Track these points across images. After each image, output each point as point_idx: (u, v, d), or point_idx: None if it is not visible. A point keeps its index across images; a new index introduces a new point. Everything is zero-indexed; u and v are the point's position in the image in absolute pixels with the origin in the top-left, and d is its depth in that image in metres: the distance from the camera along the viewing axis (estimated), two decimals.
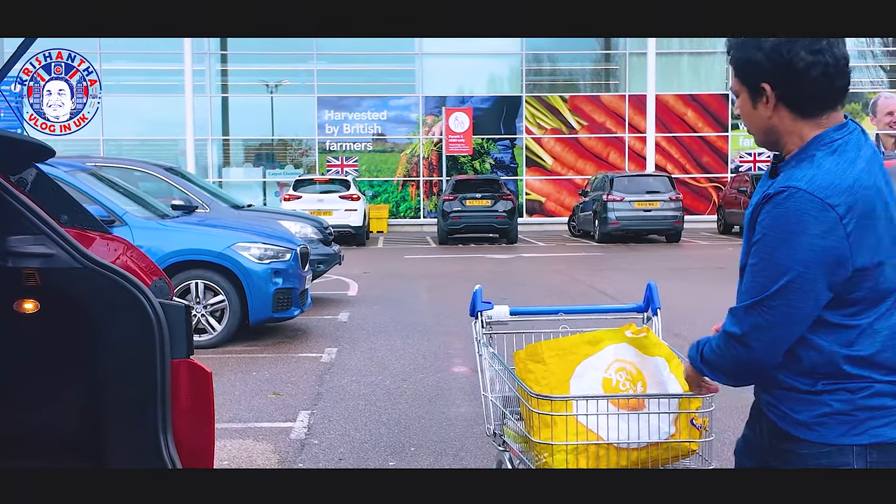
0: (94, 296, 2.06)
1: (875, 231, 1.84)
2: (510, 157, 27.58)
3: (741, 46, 1.95)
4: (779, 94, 1.91)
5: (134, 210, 8.10)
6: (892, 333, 1.90)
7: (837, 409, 1.89)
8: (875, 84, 28.45)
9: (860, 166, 1.86)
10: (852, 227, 1.81)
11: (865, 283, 1.84)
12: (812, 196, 1.81)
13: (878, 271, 1.84)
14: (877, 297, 1.87)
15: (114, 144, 26.38)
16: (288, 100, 27.82)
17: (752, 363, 1.91)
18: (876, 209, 1.85)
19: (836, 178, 1.83)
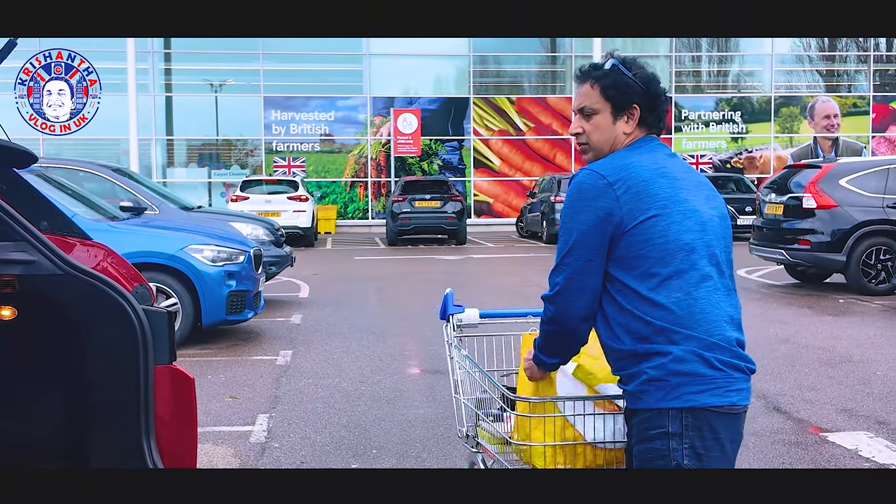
0: (77, 302, 2.04)
1: (651, 198, 2.22)
2: (458, 158, 27.67)
3: (614, 73, 2.36)
4: (643, 114, 2.37)
5: (82, 212, 7.95)
6: (684, 298, 2.18)
7: (652, 376, 2.15)
8: (812, 88, 29.22)
9: (642, 157, 2.30)
10: (622, 192, 2.22)
11: (644, 241, 2.20)
12: (591, 171, 2.28)
13: (652, 233, 2.20)
14: (661, 258, 2.19)
15: (53, 144, 25.79)
16: (233, 99, 27.51)
17: (561, 316, 2.29)
18: (652, 183, 2.24)
19: (615, 160, 2.30)
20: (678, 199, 2.26)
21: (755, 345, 7.96)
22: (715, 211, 2.34)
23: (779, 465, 4.74)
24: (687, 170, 2.38)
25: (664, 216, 2.21)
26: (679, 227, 2.22)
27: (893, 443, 5.08)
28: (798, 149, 28.53)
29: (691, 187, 2.32)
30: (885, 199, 11.27)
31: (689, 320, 2.16)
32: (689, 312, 2.16)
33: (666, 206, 2.23)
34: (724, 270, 2.29)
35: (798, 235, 11.47)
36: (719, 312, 2.20)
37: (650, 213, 2.21)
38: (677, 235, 2.21)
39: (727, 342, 2.18)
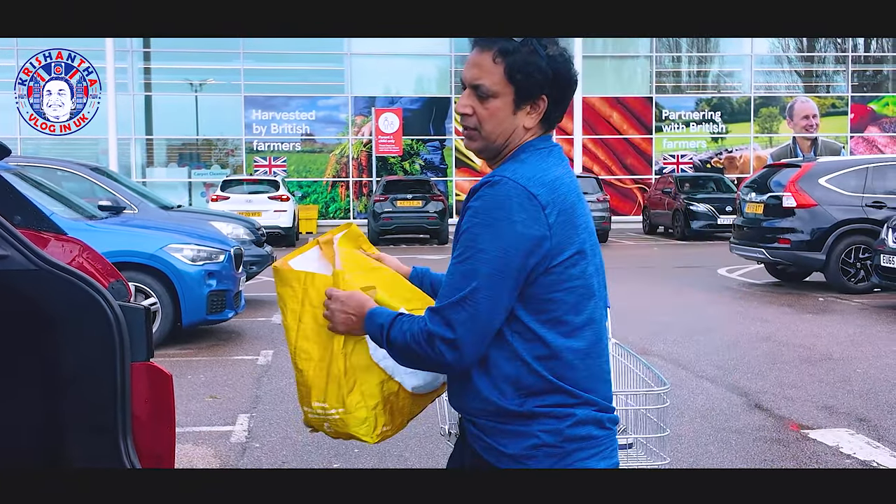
0: (51, 298, 2.00)
1: (574, 229, 1.85)
2: (440, 157, 27.66)
3: (526, 51, 1.86)
4: (551, 108, 1.91)
5: (60, 211, 7.86)
6: (587, 352, 1.86)
7: (545, 441, 1.83)
8: (791, 88, 29.43)
9: (562, 170, 1.89)
10: (554, 219, 1.81)
11: (563, 282, 1.83)
12: (517, 184, 1.80)
13: (573, 272, 1.84)
14: (576, 304, 1.85)
15: (31, 143, 25.55)
16: (213, 99, 27.36)
17: (460, 366, 1.83)
18: (577, 210, 1.87)
19: (540, 173, 1.84)
20: (591, 230, 1.92)
21: (736, 343, 8.00)
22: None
23: (760, 462, 4.75)
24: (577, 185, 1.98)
25: (585, 253, 1.87)
26: (592, 268, 1.89)
27: (874, 440, 5.10)
28: (777, 149, 28.73)
29: (587, 209, 1.96)
30: (864, 197, 11.35)
31: (590, 379, 1.87)
32: (590, 371, 1.87)
33: (586, 240, 1.88)
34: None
35: (778, 234, 11.53)
36: (608, 367, 1.96)
37: (575, 248, 1.84)
38: (590, 279, 1.88)
39: (610, 399, 1.94)
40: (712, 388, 6.32)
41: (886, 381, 6.48)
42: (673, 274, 13.73)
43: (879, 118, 29.33)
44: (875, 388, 6.31)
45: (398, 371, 2.05)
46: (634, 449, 2.65)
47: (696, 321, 9.21)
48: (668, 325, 8.88)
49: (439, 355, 1.81)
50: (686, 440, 5.07)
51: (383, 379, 2.05)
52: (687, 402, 5.90)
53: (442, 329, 1.80)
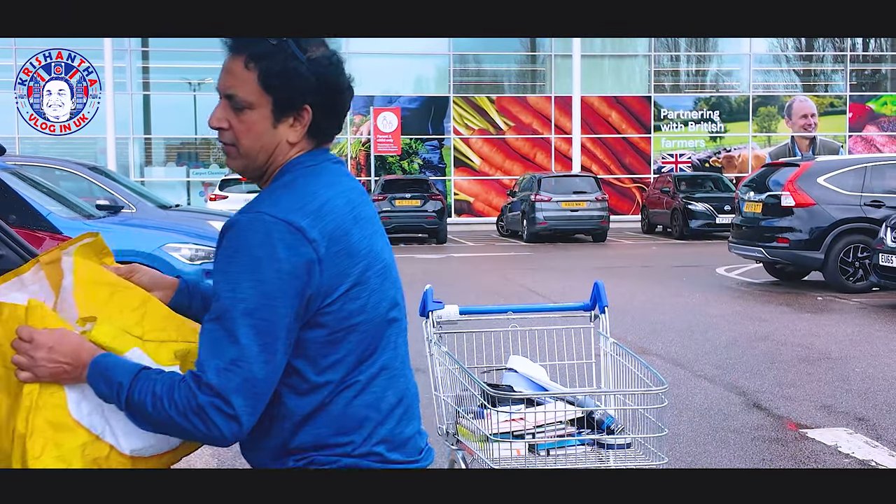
0: None
1: (350, 258, 1.62)
2: (438, 157, 27.66)
3: (279, 53, 1.62)
4: (314, 118, 1.66)
5: (58, 210, 7.85)
6: (349, 406, 1.64)
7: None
8: (789, 88, 29.44)
9: (333, 191, 1.65)
10: (324, 251, 1.57)
11: (345, 318, 1.62)
12: (277, 220, 1.55)
13: (351, 308, 1.63)
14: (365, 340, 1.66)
15: (29, 143, 25.53)
16: (212, 98, 27.08)
17: (237, 439, 1.59)
18: (349, 237, 1.62)
19: (306, 198, 1.60)
20: (374, 254, 1.70)
21: (734, 342, 8.00)
22: (389, 249, 1.79)
23: (759, 462, 4.74)
24: (367, 199, 1.76)
25: (365, 284, 1.65)
26: (376, 297, 1.68)
27: (873, 439, 5.09)
28: (776, 148, 28.74)
29: (377, 227, 1.75)
30: (862, 196, 11.35)
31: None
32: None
33: (368, 266, 1.66)
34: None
35: (776, 233, 11.53)
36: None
37: (351, 280, 1.62)
38: (374, 311, 1.67)
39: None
40: (711, 388, 6.31)
41: (885, 381, 6.47)
42: (671, 273, 13.73)
43: (878, 117, 29.34)
44: (873, 387, 6.30)
45: (110, 430, 1.67)
46: (632, 448, 2.65)
47: (694, 320, 9.21)
48: (666, 325, 8.88)
49: (213, 429, 1.54)
50: (684, 439, 5.06)
51: (86, 441, 1.65)
52: (685, 401, 5.90)
53: (215, 400, 1.52)
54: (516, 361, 2.94)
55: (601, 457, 2.61)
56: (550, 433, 2.63)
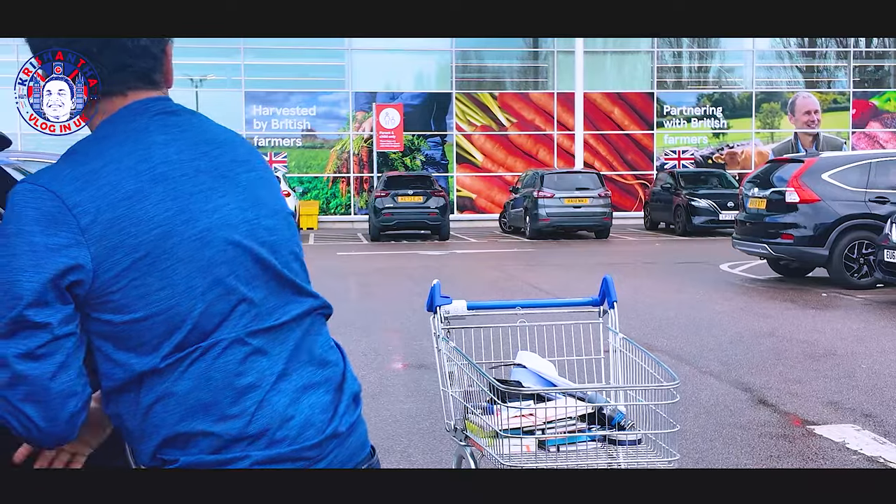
0: None
1: (139, 227, 1.41)
2: (441, 153, 27.63)
3: (112, 46, 1.59)
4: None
5: None
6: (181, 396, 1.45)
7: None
8: (792, 84, 29.38)
9: (118, 150, 1.51)
10: (88, 221, 1.39)
11: (137, 299, 1.41)
12: (35, 185, 1.46)
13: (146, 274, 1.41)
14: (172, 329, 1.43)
15: (32, 138, 25.53)
16: (214, 94, 27.32)
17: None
18: (141, 199, 1.42)
19: (74, 164, 1.53)
20: (189, 217, 1.44)
21: (739, 339, 7.97)
22: (263, 209, 1.53)
23: (766, 458, 4.72)
24: (208, 147, 1.52)
25: (163, 256, 1.41)
26: (182, 272, 1.42)
27: (880, 435, 5.07)
28: (779, 144, 28.69)
29: (213, 182, 1.49)
30: (867, 192, 11.32)
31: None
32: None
33: (167, 235, 1.41)
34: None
35: (781, 230, 11.50)
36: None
37: (137, 253, 1.40)
38: (175, 290, 1.42)
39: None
40: (716, 384, 6.29)
41: (891, 377, 6.45)
42: (675, 270, 13.71)
43: (881, 114, 29.29)
44: (880, 383, 6.28)
45: None
46: (643, 445, 2.63)
47: (698, 317, 9.18)
48: (670, 321, 8.86)
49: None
50: (691, 436, 5.04)
51: None
52: (691, 397, 5.88)
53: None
54: (525, 357, 2.91)
55: (611, 453, 2.59)
56: (560, 429, 2.61)
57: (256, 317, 1.50)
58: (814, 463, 4.64)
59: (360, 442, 1.68)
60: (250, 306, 1.49)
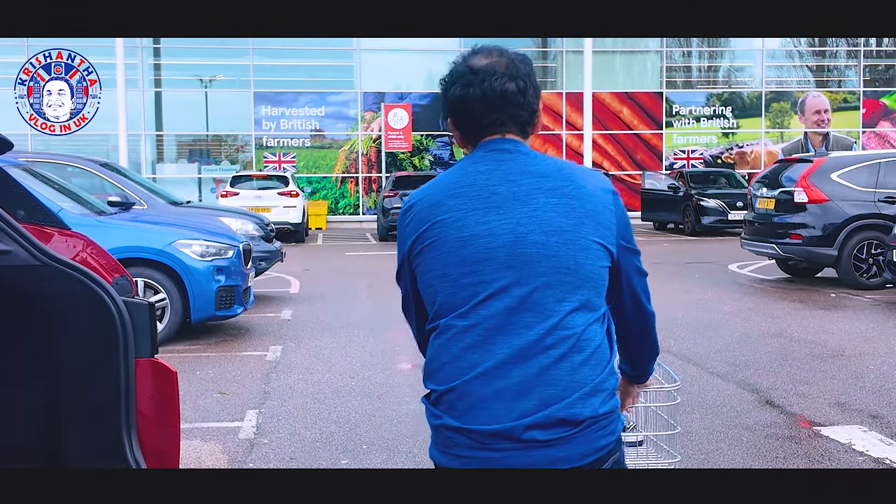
0: (55, 294, 1.98)
1: (432, 227, 1.90)
2: (449, 153, 27.62)
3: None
4: (455, 127, 1.99)
5: (69, 207, 7.86)
6: (436, 344, 1.93)
7: (428, 423, 1.96)
8: (802, 84, 29.25)
9: (449, 174, 1.96)
10: (409, 219, 1.94)
11: (421, 279, 1.94)
12: (409, 196, 2.00)
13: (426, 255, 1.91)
14: (431, 302, 1.93)
15: (41, 139, 25.62)
16: (223, 94, 27.38)
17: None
18: (442, 207, 1.90)
19: (432, 181, 1.97)
20: (461, 225, 1.88)
21: (747, 339, 7.95)
22: (537, 226, 1.87)
23: (772, 460, 4.71)
24: (518, 177, 1.91)
25: (436, 245, 1.90)
26: (448, 259, 1.89)
27: (887, 437, 5.05)
28: (788, 144, 28.57)
29: (500, 202, 1.89)
30: (876, 193, 11.26)
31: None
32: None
33: (442, 234, 1.89)
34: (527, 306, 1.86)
35: (789, 230, 11.46)
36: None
37: (426, 242, 1.91)
38: (443, 270, 1.89)
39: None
40: (723, 385, 6.27)
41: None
42: (683, 270, 13.67)
43: (891, 113, 29.14)
44: (888, 384, 6.25)
45: None
46: (645, 446, 2.62)
47: (706, 317, 9.16)
48: (678, 321, 8.83)
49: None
50: (697, 437, 5.03)
51: None
52: (698, 398, 5.86)
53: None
54: None
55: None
56: None
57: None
58: (820, 464, 4.62)
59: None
60: (494, 301, 1.86)
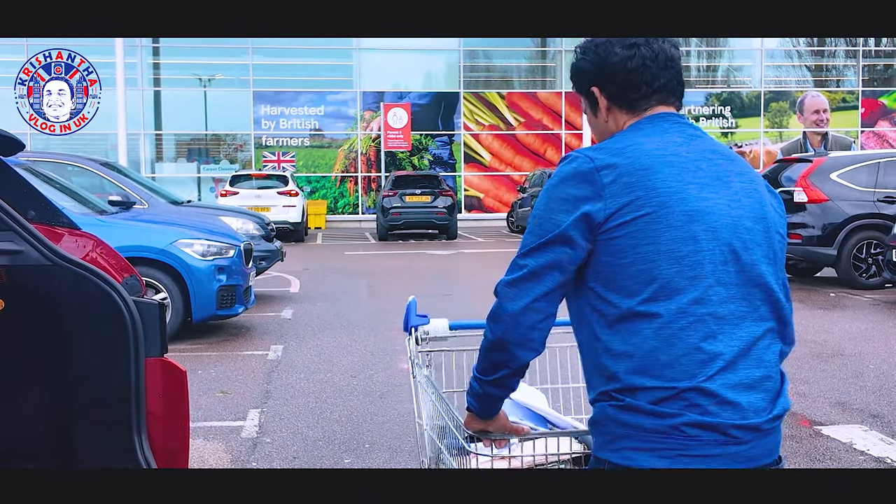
0: (65, 293, 1.99)
1: (648, 192, 1.74)
2: (448, 153, 27.63)
3: (573, 63, 1.95)
4: (607, 95, 1.89)
5: (71, 206, 7.87)
6: (664, 334, 1.70)
7: (595, 417, 1.78)
8: (801, 83, 29.28)
9: (643, 139, 1.81)
10: (609, 180, 1.74)
11: (630, 252, 1.72)
12: (580, 153, 1.80)
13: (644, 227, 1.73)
14: (648, 280, 1.72)
15: (41, 138, 25.62)
16: (222, 94, 27.38)
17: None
18: (653, 173, 1.75)
19: (611, 143, 1.82)
20: (683, 197, 1.75)
21: None
22: (746, 211, 1.79)
23: None
24: (712, 155, 1.84)
25: (659, 216, 1.74)
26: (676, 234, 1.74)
27: (888, 436, 5.07)
28: (787, 143, 28.60)
29: (709, 179, 1.79)
30: (875, 192, 11.29)
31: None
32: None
33: (665, 203, 1.73)
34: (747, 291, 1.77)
35: (789, 229, 11.47)
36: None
37: (643, 210, 1.73)
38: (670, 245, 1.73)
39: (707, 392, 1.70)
40: None
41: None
42: None
43: (890, 112, 29.17)
44: (888, 384, 6.27)
45: None
46: None
47: None
48: None
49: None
50: None
51: None
52: None
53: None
54: None
55: None
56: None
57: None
58: (820, 464, 4.64)
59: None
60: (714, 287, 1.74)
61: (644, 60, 1.87)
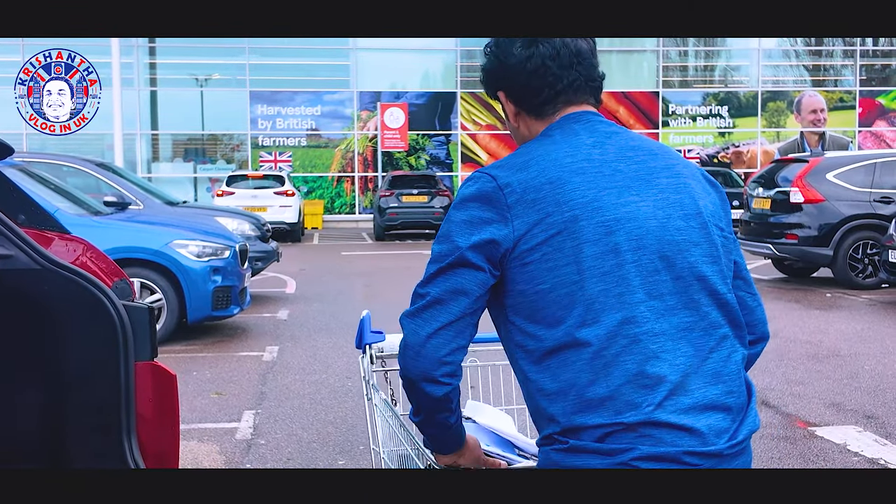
0: (55, 298, 1.99)
1: (560, 209, 1.57)
2: (445, 153, 27.63)
3: (483, 65, 1.80)
4: (513, 100, 1.75)
5: (65, 207, 7.86)
6: (597, 364, 1.53)
7: (541, 465, 1.62)
8: (799, 83, 29.31)
9: (551, 147, 1.65)
10: (514, 199, 1.58)
11: (547, 276, 1.55)
12: (483, 173, 1.64)
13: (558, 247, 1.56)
14: (571, 304, 1.54)
15: (36, 138, 25.57)
16: (219, 94, 27.35)
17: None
18: (566, 185, 1.58)
19: (515, 156, 1.66)
20: (598, 206, 1.58)
21: None
22: (675, 210, 1.62)
23: (767, 460, 4.73)
24: (632, 153, 1.66)
25: (573, 232, 1.56)
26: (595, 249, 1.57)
27: (882, 437, 5.07)
28: (785, 143, 28.63)
29: (629, 181, 1.62)
30: (871, 192, 11.30)
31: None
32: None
33: (579, 216, 1.56)
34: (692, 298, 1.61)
35: (785, 230, 11.49)
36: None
37: (554, 228, 1.56)
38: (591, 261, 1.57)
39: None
40: None
41: (894, 378, 6.45)
42: None
43: (888, 112, 29.20)
44: (883, 384, 6.27)
45: None
46: None
47: None
48: None
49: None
50: None
51: None
52: None
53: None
54: (474, 409, 2.25)
55: None
56: None
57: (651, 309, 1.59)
58: (814, 465, 4.64)
59: None
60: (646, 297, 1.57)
61: (543, 60, 1.69)
